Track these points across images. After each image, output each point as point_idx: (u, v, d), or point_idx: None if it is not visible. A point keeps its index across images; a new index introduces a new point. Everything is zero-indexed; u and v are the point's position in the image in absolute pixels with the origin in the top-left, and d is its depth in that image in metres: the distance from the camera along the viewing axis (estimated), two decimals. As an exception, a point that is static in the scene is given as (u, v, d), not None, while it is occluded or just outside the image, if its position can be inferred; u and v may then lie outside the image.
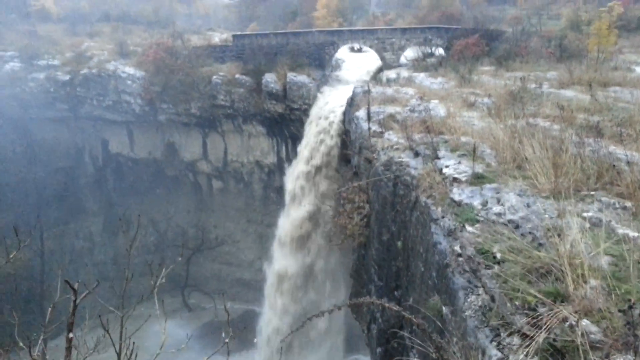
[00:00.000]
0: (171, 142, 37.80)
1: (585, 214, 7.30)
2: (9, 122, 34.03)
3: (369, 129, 15.97)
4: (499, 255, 6.51)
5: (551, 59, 26.63)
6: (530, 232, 7.00)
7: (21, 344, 4.66)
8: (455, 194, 9.12)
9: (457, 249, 7.44)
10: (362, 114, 17.62)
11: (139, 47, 37.44)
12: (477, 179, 9.45)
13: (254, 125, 34.31)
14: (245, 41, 35.36)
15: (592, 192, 8.14)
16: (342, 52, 38.91)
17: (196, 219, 40.01)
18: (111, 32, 43.63)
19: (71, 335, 4.32)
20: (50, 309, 5.20)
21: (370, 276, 15.53)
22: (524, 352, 4.88)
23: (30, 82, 34.82)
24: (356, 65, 37.86)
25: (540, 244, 6.58)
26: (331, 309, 6.90)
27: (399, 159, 12.84)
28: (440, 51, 32.53)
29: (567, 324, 4.89)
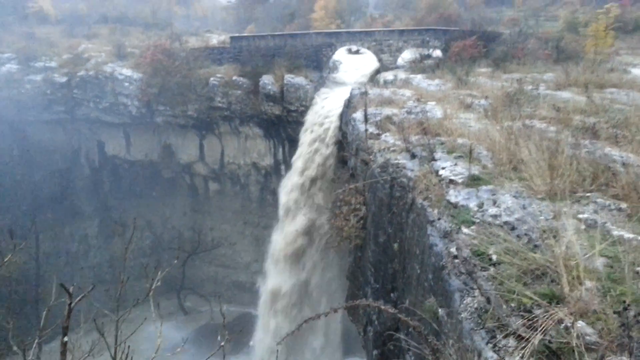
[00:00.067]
0: (168, 144, 37.64)
1: (580, 216, 7.33)
2: (5, 124, 33.82)
3: (366, 130, 15.98)
4: (494, 257, 6.53)
5: (548, 61, 26.72)
6: (526, 234, 7.02)
7: (15, 348, 4.64)
8: (451, 195, 9.13)
9: (453, 250, 7.46)
10: (359, 115, 17.63)
11: (136, 49, 37.32)
12: (473, 181, 9.48)
13: (250, 127, 34.24)
14: (242, 43, 35.30)
15: (587, 194, 8.17)
16: (340, 54, 38.83)
17: (192, 221, 39.84)
18: (109, 34, 43.44)
19: (66, 339, 4.31)
20: (45, 313, 5.18)
21: (366, 278, 15.51)
22: (520, 354, 4.89)
23: (27, 84, 34.62)
24: (354, 67, 37.82)
25: (535, 246, 6.61)
26: (327, 311, 6.91)
27: (396, 161, 12.84)
28: (437, 53, 32.58)
29: (563, 325, 4.90)
